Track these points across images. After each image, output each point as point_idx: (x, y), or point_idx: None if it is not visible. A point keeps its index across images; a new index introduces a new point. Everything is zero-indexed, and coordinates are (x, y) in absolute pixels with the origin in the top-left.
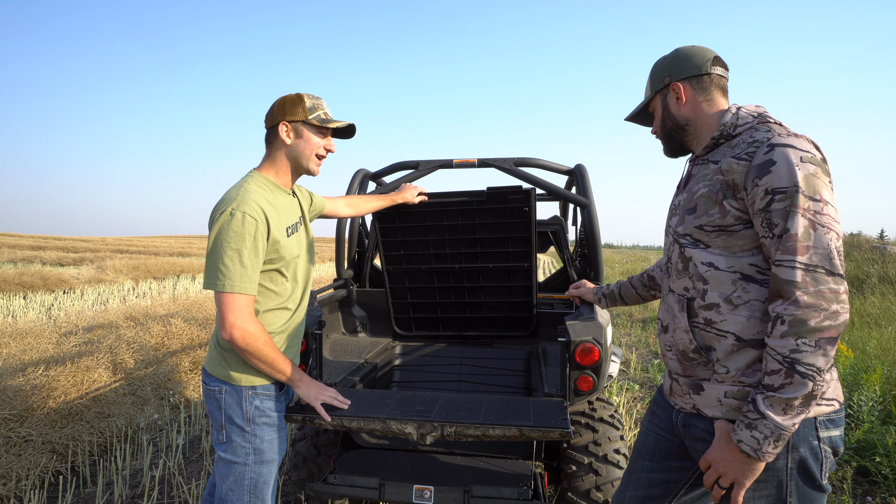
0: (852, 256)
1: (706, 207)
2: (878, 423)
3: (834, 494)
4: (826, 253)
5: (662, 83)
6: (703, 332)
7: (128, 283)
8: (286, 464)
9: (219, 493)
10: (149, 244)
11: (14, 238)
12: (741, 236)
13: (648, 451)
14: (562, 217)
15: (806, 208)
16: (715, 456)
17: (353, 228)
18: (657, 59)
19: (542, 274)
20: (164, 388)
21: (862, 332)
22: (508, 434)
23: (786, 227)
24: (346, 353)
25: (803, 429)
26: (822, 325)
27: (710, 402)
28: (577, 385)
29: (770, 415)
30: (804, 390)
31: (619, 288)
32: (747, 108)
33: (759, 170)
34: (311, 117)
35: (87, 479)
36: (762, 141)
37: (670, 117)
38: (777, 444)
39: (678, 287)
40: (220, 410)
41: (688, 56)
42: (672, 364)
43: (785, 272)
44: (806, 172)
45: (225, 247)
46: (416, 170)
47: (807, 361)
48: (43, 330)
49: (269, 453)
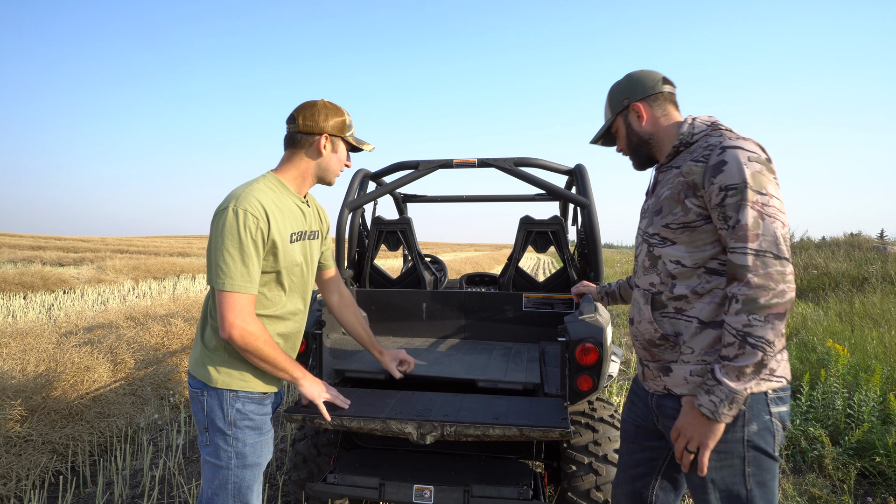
0: (852, 256)
1: (671, 207)
2: (878, 423)
3: (834, 494)
4: (773, 240)
5: (622, 105)
6: (672, 319)
7: (128, 283)
8: (286, 464)
9: (204, 496)
10: (149, 244)
11: (14, 238)
12: (703, 231)
13: (630, 436)
14: (562, 217)
15: (754, 201)
16: (681, 423)
17: (353, 228)
18: (611, 86)
19: (543, 274)
20: (164, 388)
21: (862, 332)
22: (508, 434)
23: (738, 219)
24: (346, 353)
25: (757, 405)
26: (771, 303)
27: (678, 381)
28: (577, 385)
29: (725, 381)
30: (755, 359)
31: (619, 288)
32: (701, 118)
33: (714, 170)
34: (347, 134)
35: (87, 479)
36: (715, 145)
37: (634, 134)
38: (731, 407)
39: (644, 283)
40: (202, 413)
41: (640, 79)
42: (641, 352)
43: (738, 258)
44: (753, 170)
45: (227, 244)
46: (416, 170)
47: (757, 334)
48: (43, 330)
49: (251, 457)
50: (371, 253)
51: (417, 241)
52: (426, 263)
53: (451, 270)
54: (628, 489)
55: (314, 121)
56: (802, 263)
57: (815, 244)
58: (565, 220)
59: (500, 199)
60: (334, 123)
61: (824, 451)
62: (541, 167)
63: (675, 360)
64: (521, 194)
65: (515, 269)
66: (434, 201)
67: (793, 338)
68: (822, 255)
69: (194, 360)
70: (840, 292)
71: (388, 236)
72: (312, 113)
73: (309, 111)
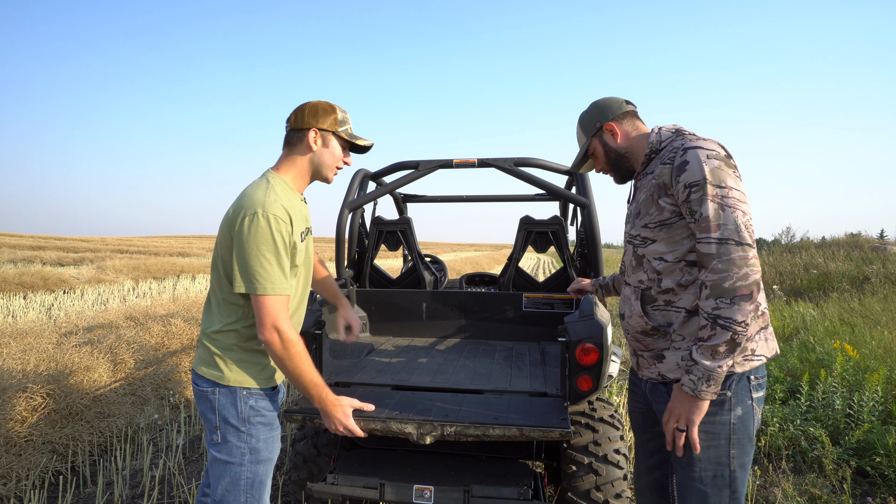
0: (852, 257)
1: (647, 208)
2: (878, 424)
3: (834, 494)
4: (734, 227)
5: (595, 128)
6: (664, 311)
7: (128, 283)
8: (286, 464)
9: (215, 496)
10: (149, 244)
11: (14, 238)
12: (678, 227)
13: (639, 426)
14: (562, 217)
15: (714, 195)
16: (671, 405)
17: (353, 228)
18: (580, 116)
19: (543, 274)
20: (164, 388)
21: (863, 332)
22: (508, 434)
23: (701, 212)
24: (346, 353)
25: (741, 391)
26: (736, 286)
27: (670, 367)
28: (578, 385)
29: (701, 360)
30: (724, 338)
31: (612, 280)
32: (666, 126)
33: (678, 170)
34: (339, 129)
35: (87, 479)
36: (679, 147)
37: (612, 151)
38: (709, 384)
39: (633, 280)
40: (213, 412)
41: (606, 103)
42: (634, 343)
43: (704, 247)
44: (711, 167)
45: (262, 250)
46: (416, 170)
47: (725, 315)
48: (43, 330)
49: (265, 452)
50: (371, 253)
51: (417, 241)
52: (426, 263)
53: (451, 270)
54: (649, 479)
55: (304, 118)
56: (802, 263)
57: (816, 244)
58: (565, 220)
59: (500, 199)
60: (324, 119)
61: (824, 452)
62: (541, 167)
63: (668, 347)
64: (521, 194)
65: (515, 269)
66: (434, 201)
67: (793, 338)
68: (822, 255)
69: (202, 360)
70: (840, 292)
71: (388, 236)
72: (303, 111)
73: (300, 110)
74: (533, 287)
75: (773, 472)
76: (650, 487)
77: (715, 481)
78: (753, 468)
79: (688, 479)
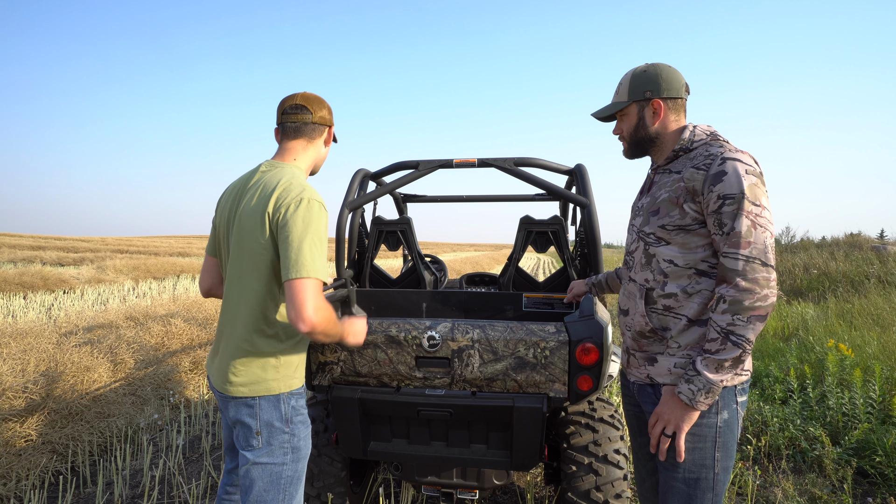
0: (852, 256)
1: (668, 209)
2: (877, 424)
3: (834, 494)
4: (763, 248)
5: (643, 95)
6: (661, 315)
7: (128, 283)
8: None
9: (252, 496)
10: (149, 244)
11: (14, 238)
12: (697, 234)
13: (635, 428)
14: (562, 217)
15: (749, 211)
16: (661, 409)
17: (353, 228)
18: (636, 69)
19: (543, 274)
20: (164, 388)
21: (862, 332)
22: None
23: (733, 226)
24: None
25: (727, 395)
26: (755, 305)
27: (661, 371)
28: (578, 385)
29: (705, 372)
30: (734, 354)
31: (606, 278)
32: (701, 126)
33: (714, 179)
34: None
35: (87, 479)
36: (716, 155)
37: (644, 128)
38: (707, 396)
39: (640, 278)
40: (254, 417)
41: (669, 77)
42: (629, 342)
43: (730, 262)
44: (750, 182)
45: (312, 234)
46: (416, 170)
47: (739, 332)
48: (43, 330)
49: (304, 450)
50: (371, 253)
51: (417, 241)
52: (426, 263)
53: (451, 270)
54: (651, 483)
55: (324, 113)
56: (802, 263)
57: (815, 244)
58: (565, 219)
59: (500, 199)
60: (332, 119)
61: (824, 452)
62: (541, 167)
63: (662, 352)
64: (521, 194)
65: (515, 268)
66: (434, 201)
67: (792, 338)
68: (822, 255)
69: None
70: (840, 292)
71: (388, 236)
72: (321, 105)
73: (318, 104)
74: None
75: (773, 472)
76: (654, 490)
77: (699, 483)
78: (754, 468)
79: (672, 479)
